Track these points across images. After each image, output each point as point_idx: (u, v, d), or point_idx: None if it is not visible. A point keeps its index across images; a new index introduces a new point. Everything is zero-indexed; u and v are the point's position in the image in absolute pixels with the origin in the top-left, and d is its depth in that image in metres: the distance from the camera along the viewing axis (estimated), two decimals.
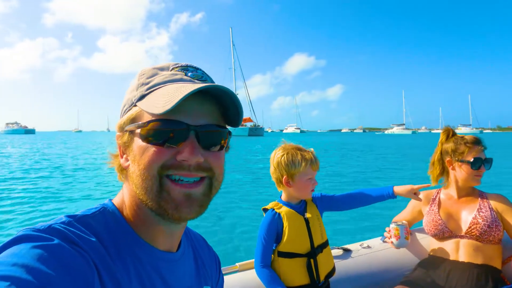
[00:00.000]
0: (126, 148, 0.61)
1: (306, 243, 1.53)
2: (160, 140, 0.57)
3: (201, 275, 0.76)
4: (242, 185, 9.82)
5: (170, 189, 0.57)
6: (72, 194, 8.42)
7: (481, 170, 1.76)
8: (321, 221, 1.62)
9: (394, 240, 1.85)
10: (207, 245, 0.85)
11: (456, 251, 1.75)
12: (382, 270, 1.88)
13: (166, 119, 0.56)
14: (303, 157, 1.52)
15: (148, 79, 0.61)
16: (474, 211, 1.74)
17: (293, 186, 1.55)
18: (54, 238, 0.49)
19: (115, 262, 0.55)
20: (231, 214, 6.45)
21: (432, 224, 1.84)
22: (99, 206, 0.62)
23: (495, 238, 1.69)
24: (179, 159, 0.57)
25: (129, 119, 0.60)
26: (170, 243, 0.67)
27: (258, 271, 1.52)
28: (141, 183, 0.58)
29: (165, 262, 0.64)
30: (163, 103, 0.54)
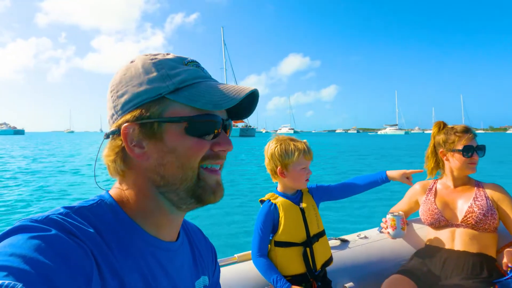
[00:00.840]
0: (149, 139, 0.59)
1: (302, 233, 1.55)
2: (205, 134, 0.60)
3: (198, 265, 0.76)
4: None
5: (207, 177, 0.62)
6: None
7: (473, 158, 1.77)
8: (317, 211, 1.65)
9: (391, 230, 1.87)
10: (203, 236, 0.86)
11: (452, 240, 1.77)
12: (379, 260, 1.90)
13: (210, 114, 0.60)
14: (296, 147, 1.55)
15: (171, 71, 0.61)
16: (470, 199, 1.76)
17: (287, 176, 1.57)
18: (52, 228, 0.49)
19: (114, 253, 0.55)
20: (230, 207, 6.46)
21: (428, 213, 1.86)
22: (96, 198, 0.62)
23: (491, 226, 1.71)
24: (217, 150, 0.62)
25: (158, 111, 0.59)
26: (171, 233, 0.67)
27: (255, 260, 1.54)
28: (180, 174, 0.60)
29: (165, 251, 0.65)
30: (219, 100, 0.58)
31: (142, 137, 0.60)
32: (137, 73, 0.61)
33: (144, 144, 0.60)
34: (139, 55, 0.65)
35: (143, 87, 0.60)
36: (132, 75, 0.61)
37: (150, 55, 0.63)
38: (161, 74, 0.60)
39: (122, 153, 0.62)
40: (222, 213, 6.20)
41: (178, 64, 0.62)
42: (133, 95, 0.60)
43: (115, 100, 0.62)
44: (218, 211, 6.30)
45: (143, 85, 0.60)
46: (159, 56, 0.63)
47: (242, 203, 7.26)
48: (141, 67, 0.61)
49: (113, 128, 0.62)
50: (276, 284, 1.47)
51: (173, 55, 0.65)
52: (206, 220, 5.71)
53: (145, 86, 0.60)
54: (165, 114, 0.59)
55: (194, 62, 0.65)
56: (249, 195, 8.24)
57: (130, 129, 0.60)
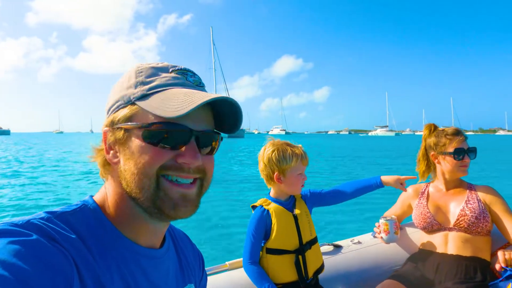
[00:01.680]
0: (119, 144, 0.61)
1: (295, 240, 1.52)
2: (163, 142, 0.58)
3: (185, 272, 0.75)
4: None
5: (168, 189, 0.58)
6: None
7: (465, 160, 1.77)
8: (310, 217, 1.62)
9: (384, 235, 1.86)
10: (191, 243, 0.85)
11: (445, 244, 1.76)
12: (372, 266, 1.88)
13: (171, 123, 0.58)
14: (294, 152, 1.52)
15: (147, 78, 0.61)
16: (462, 203, 1.75)
17: (284, 182, 1.54)
18: (33, 233, 0.48)
19: (96, 259, 0.54)
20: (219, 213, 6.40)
21: (421, 217, 1.85)
22: (79, 203, 0.61)
23: (483, 229, 1.70)
24: (180, 162, 0.59)
25: (125, 116, 0.60)
26: (154, 240, 0.66)
27: (246, 268, 1.51)
28: (137, 181, 0.58)
29: (149, 259, 0.64)
30: (174, 107, 0.55)
31: (114, 141, 0.61)
32: (122, 81, 0.64)
33: (117, 149, 0.61)
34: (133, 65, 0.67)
35: (120, 93, 0.62)
36: (118, 83, 0.64)
37: (142, 64, 0.65)
38: (137, 81, 0.61)
39: (103, 156, 0.64)
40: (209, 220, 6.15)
41: (159, 72, 0.63)
42: (113, 101, 0.63)
43: (106, 106, 0.65)
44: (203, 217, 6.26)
45: (121, 92, 0.62)
46: (146, 64, 0.64)
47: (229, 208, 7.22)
48: (127, 75, 0.64)
49: (101, 131, 0.64)
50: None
51: (164, 63, 0.65)
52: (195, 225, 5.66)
53: (122, 93, 0.62)
54: (133, 120, 0.60)
55: (181, 70, 0.64)
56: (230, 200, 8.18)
57: (107, 134, 0.62)
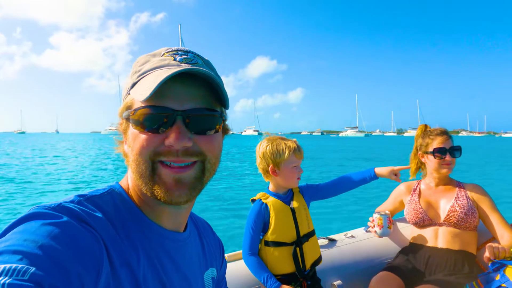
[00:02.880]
0: (125, 134, 0.63)
1: (292, 233, 1.56)
2: (149, 127, 0.57)
3: (207, 257, 0.77)
4: None
5: (161, 173, 0.58)
6: None
7: (446, 159, 1.84)
8: (307, 211, 1.66)
9: (378, 229, 1.93)
10: (212, 230, 0.87)
11: (435, 238, 1.84)
12: (365, 258, 1.95)
13: (152, 106, 0.56)
14: (287, 146, 1.57)
15: (140, 66, 0.62)
16: (452, 199, 1.84)
17: (279, 175, 1.59)
18: (64, 215, 0.50)
19: (123, 241, 0.56)
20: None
21: (413, 213, 1.93)
22: (107, 188, 0.63)
23: (471, 225, 1.79)
24: (167, 144, 0.57)
25: (125, 106, 0.61)
26: (176, 223, 0.68)
27: (246, 259, 1.56)
28: (136, 168, 0.59)
29: (173, 241, 0.65)
30: (145, 90, 0.55)
31: (123, 133, 0.64)
32: (130, 72, 0.65)
33: (126, 140, 0.63)
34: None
35: (125, 86, 0.65)
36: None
37: (150, 52, 0.65)
38: (133, 71, 0.63)
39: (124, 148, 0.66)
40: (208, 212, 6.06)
41: (152, 58, 0.62)
42: (123, 95, 0.65)
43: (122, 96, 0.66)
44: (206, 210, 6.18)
45: (126, 84, 0.64)
46: (152, 52, 0.65)
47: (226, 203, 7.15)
48: (132, 65, 0.65)
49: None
50: (266, 283, 1.48)
51: (162, 48, 0.64)
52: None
53: (125, 85, 0.64)
54: (128, 109, 0.61)
55: (173, 51, 0.62)
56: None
57: (121, 125, 0.64)
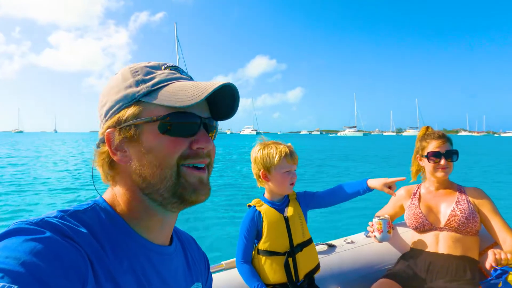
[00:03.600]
0: (128, 142, 0.62)
1: (285, 242, 1.52)
2: (178, 132, 0.61)
3: (192, 271, 0.77)
4: None
5: (187, 175, 0.62)
6: None
7: (440, 163, 1.80)
8: (303, 219, 1.61)
9: (377, 234, 1.89)
10: (196, 244, 0.87)
11: (436, 243, 1.80)
12: (365, 265, 1.91)
13: (183, 112, 0.60)
14: (278, 150, 1.54)
15: (146, 76, 0.63)
16: (453, 203, 1.80)
17: (271, 180, 1.56)
18: (47, 231, 0.49)
19: (108, 255, 0.56)
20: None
21: (413, 217, 1.89)
22: (90, 203, 0.62)
23: (473, 229, 1.75)
24: (196, 147, 0.62)
25: (133, 114, 0.61)
26: (164, 236, 0.68)
27: (239, 266, 1.54)
28: (158, 173, 0.60)
29: (159, 255, 0.65)
30: (188, 97, 0.58)
31: (123, 141, 0.62)
32: (117, 82, 0.64)
33: (126, 148, 0.62)
34: (124, 67, 0.68)
35: (120, 94, 0.63)
36: (112, 84, 0.65)
37: (132, 65, 0.67)
38: (136, 80, 0.63)
39: (108, 159, 0.64)
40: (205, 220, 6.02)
41: (154, 70, 0.65)
42: (113, 103, 0.63)
43: (100, 109, 0.65)
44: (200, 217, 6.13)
45: (120, 92, 0.63)
46: (137, 64, 0.66)
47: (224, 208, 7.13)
48: (121, 76, 0.65)
49: (100, 136, 0.65)
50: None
51: (153, 62, 0.67)
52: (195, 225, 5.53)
53: (122, 93, 0.63)
54: (141, 116, 0.61)
55: (173, 66, 0.67)
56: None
57: (112, 135, 0.62)
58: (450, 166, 1.83)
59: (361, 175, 12.76)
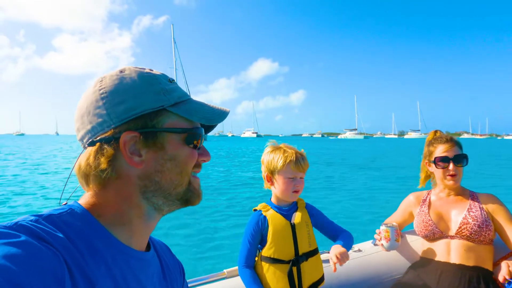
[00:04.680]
0: (148, 147, 0.63)
1: (290, 250, 1.46)
2: (198, 144, 0.69)
3: (167, 278, 0.77)
4: None
5: (194, 182, 0.70)
6: None
7: (448, 169, 1.73)
8: (310, 228, 1.55)
9: (384, 242, 1.82)
10: (170, 252, 0.88)
11: (448, 252, 1.73)
12: (373, 274, 1.83)
13: (199, 127, 0.69)
14: (284, 155, 1.50)
15: (167, 86, 0.67)
16: (464, 211, 1.72)
17: (274, 185, 1.54)
18: (22, 234, 0.47)
19: (86, 260, 0.54)
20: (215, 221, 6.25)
21: (422, 225, 1.82)
22: (65, 207, 0.60)
23: (486, 238, 1.67)
24: (201, 159, 0.71)
25: (160, 121, 0.64)
26: (143, 241, 0.69)
27: (241, 271, 1.49)
28: (179, 179, 0.66)
29: (138, 260, 0.65)
30: (211, 117, 0.68)
31: (142, 145, 0.62)
32: (136, 84, 0.63)
33: (142, 152, 0.62)
34: (128, 66, 0.68)
35: (145, 98, 0.63)
36: (130, 84, 0.63)
37: (140, 68, 0.67)
38: (161, 88, 0.65)
39: (114, 161, 0.62)
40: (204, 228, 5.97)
41: (167, 81, 0.68)
42: (134, 104, 0.62)
43: (110, 107, 0.62)
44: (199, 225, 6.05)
45: (145, 96, 0.63)
46: (148, 70, 0.68)
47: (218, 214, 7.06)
48: (138, 78, 0.64)
49: (105, 135, 0.61)
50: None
51: (157, 71, 0.70)
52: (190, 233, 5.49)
53: (147, 97, 0.63)
54: (166, 125, 0.64)
55: (174, 81, 0.71)
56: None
57: (130, 137, 0.61)
58: (459, 172, 1.75)
59: (327, 179, 12.18)
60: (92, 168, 0.61)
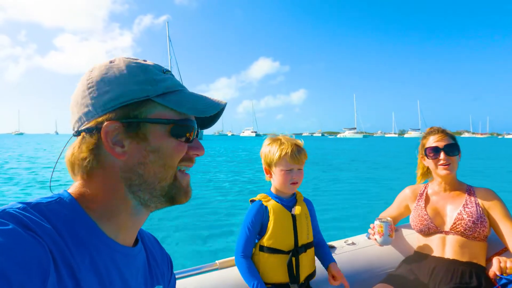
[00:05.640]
0: (131, 138, 0.61)
1: (290, 240, 1.47)
2: (184, 137, 0.64)
3: (153, 273, 0.77)
4: None
5: (181, 178, 0.66)
6: None
7: (439, 158, 1.72)
8: (309, 220, 1.56)
9: (378, 237, 1.81)
10: (159, 245, 0.87)
11: (442, 247, 1.71)
12: (366, 268, 1.83)
13: (191, 119, 0.66)
14: (281, 147, 1.49)
15: (157, 77, 0.64)
16: (460, 206, 1.71)
17: (272, 176, 1.54)
18: (9, 222, 0.47)
19: (72, 252, 0.54)
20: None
21: (418, 220, 1.80)
22: (55, 196, 0.60)
23: (480, 234, 1.65)
24: (192, 153, 0.67)
25: (144, 111, 0.62)
26: (130, 236, 0.68)
27: (238, 261, 1.48)
28: (162, 172, 0.63)
29: (123, 255, 0.65)
30: (203, 108, 0.64)
31: (124, 136, 0.61)
32: (122, 74, 0.62)
33: (125, 143, 0.61)
34: (119, 57, 0.66)
35: (129, 88, 0.61)
36: (116, 74, 0.62)
37: (131, 59, 0.66)
38: (147, 78, 0.63)
39: (96, 151, 0.61)
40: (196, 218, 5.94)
41: (159, 72, 0.66)
42: (118, 94, 0.61)
43: (94, 97, 0.61)
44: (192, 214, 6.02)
45: (129, 86, 0.61)
46: (140, 61, 0.66)
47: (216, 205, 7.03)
48: (126, 68, 0.63)
49: (89, 125, 0.61)
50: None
51: (150, 62, 0.68)
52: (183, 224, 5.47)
53: (132, 87, 0.61)
54: (150, 116, 0.62)
55: (169, 72, 0.69)
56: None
57: (112, 127, 0.60)
58: (453, 162, 1.72)
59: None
60: (75, 157, 0.61)
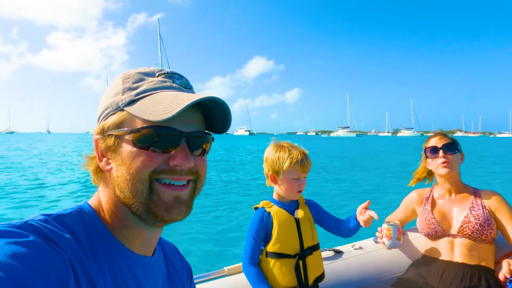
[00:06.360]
0: (110, 151, 0.61)
1: (296, 244, 1.47)
2: (153, 146, 0.58)
3: (173, 282, 0.76)
4: None
5: (161, 192, 0.59)
6: None
7: (439, 157, 1.73)
8: (312, 223, 1.56)
9: (386, 240, 1.80)
10: (179, 254, 0.86)
11: (450, 250, 1.71)
12: (374, 272, 1.82)
13: (160, 126, 0.57)
14: (290, 156, 1.47)
15: (134, 84, 0.62)
16: (466, 209, 1.71)
17: (278, 184, 1.52)
18: (30, 234, 0.48)
19: (91, 262, 0.55)
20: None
21: (425, 223, 1.80)
22: (75, 207, 0.61)
23: (488, 237, 1.65)
24: (172, 164, 0.59)
25: (115, 123, 0.60)
26: (147, 247, 0.67)
27: (245, 269, 1.48)
28: (130, 187, 0.58)
29: (141, 266, 0.64)
30: (162, 110, 0.55)
31: (106, 149, 0.61)
32: (110, 87, 0.64)
33: (109, 156, 0.61)
34: (130, 71, 0.66)
35: (109, 101, 0.62)
36: (106, 91, 0.64)
37: (129, 70, 0.65)
38: (124, 87, 0.61)
39: (96, 163, 0.64)
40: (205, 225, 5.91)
41: (146, 76, 0.63)
42: (102, 109, 0.63)
43: (98, 112, 0.65)
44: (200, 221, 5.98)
45: (109, 99, 0.62)
46: (133, 70, 0.65)
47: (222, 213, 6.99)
48: (114, 82, 0.64)
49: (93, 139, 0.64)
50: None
51: (151, 68, 0.66)
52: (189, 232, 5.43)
53: (110, 100, 0.62)
54: (123, 126, 0.59)
55: (168, 74, 0.65)
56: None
57: (99, 141, 0.62)
58: (452, 160, 1.73)
59: None
60: (90, 169, 0.66)
